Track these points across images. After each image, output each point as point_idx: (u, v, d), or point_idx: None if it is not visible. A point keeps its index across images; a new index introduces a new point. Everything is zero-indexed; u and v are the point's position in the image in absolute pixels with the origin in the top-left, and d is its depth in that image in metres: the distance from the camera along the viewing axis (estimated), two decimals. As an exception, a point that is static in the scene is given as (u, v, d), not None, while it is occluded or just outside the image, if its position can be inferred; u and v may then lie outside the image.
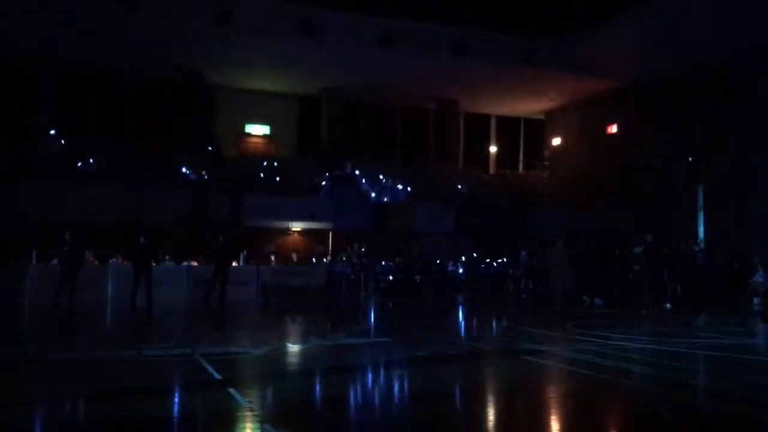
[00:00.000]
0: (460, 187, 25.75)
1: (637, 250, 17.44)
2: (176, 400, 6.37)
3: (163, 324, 13.87)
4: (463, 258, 23.00)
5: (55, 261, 16.50)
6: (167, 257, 19.37)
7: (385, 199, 23.58)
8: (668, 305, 16.45)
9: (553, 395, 6.72)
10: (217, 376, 7.02)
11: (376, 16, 22.12)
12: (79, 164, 20.41)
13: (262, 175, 22.90)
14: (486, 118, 31.41)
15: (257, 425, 5.25)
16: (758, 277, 18.20)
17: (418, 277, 21.45)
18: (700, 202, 22.80)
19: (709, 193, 22.55)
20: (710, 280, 18.08)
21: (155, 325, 13.65)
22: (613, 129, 27.26)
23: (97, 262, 18.72)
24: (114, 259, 18.85)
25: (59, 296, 15.24)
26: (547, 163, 30.62)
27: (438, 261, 22.52)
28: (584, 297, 17.78)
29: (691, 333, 12.37)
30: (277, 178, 22.83)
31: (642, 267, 17.16)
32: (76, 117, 23.93)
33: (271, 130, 27.53)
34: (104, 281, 17.42)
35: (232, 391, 6.25)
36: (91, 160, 20.70)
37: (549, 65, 24.24)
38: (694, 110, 22.93)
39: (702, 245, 19.21)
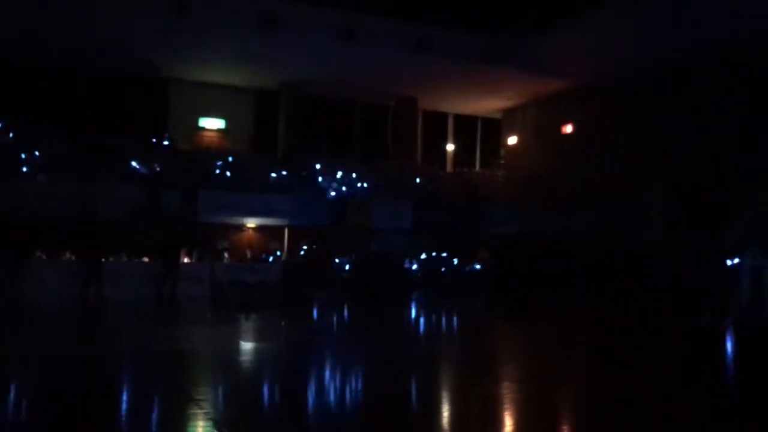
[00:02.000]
0: (417, 183, 25.69)
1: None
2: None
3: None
4: (421, 255, 23.05)
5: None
6: (119, 253, 18.97)
7: (343, 196, 23.37)
8: None
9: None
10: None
11: (336, 11, 21.89)
12: (27, 156, 19.68)
13: (217, 170, 22.46)
14: (443, 116, 31.44)
15: None
16: None
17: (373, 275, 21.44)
18: (656, 202, 23.08)
19: (665, 193, 22.83)
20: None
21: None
22: (568, 129, 27.47)
23: (44, 257, 18.25)
24: (65, 255, 18.39)
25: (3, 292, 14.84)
26: (502, 162, 30.77)
27: (394, 258, 22.48)
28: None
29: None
30: (232, 173, 22.42)
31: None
32: (26, 109, 23.04)
33: (227, 124, 27.03)
34: (53, 278, 16.91)
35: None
36: (38, 153, 19.96)
37: (507, 64, 24.29)
38: (652, 111, 23.25)
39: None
